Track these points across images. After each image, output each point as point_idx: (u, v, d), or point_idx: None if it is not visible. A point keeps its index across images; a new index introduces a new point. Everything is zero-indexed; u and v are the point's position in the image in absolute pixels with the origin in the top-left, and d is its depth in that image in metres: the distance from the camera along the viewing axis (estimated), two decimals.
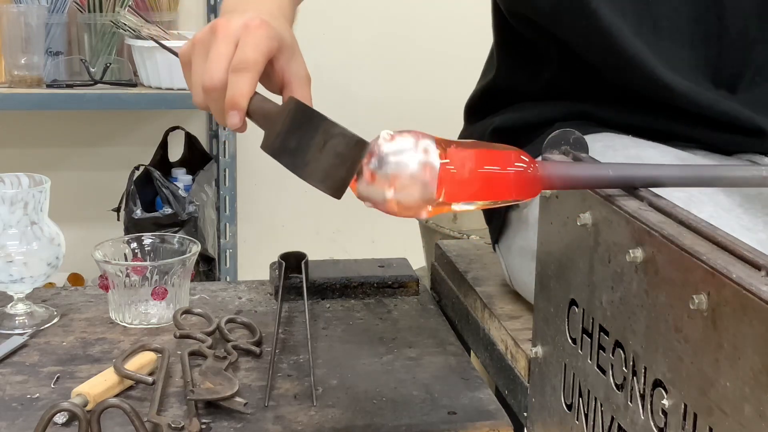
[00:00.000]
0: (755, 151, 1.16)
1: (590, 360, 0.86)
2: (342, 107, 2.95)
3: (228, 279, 2.67)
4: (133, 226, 2.49)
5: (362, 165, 0.84)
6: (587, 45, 1.17)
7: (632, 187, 0.84)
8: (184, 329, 1.19)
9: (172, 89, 2.55)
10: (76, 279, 2.73)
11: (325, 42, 2.92)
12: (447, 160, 0.81)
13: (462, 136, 1.37)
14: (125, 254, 1.31)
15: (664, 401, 0.72)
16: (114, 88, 2.57)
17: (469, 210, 0.84)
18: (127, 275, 1.24)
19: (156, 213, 2.53)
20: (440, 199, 0.81)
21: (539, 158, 0.98)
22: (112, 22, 2.57)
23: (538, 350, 0.99)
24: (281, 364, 1.15)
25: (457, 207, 0.82)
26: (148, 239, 1.33)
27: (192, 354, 1.13)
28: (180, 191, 2.55)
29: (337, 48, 2.93)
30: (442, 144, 0.83)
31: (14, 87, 2.52)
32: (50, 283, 1.70)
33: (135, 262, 1.29)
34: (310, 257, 1.37)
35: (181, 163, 2.76)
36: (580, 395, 0.88)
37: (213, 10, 2.72)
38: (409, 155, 0.82)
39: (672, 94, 1.13)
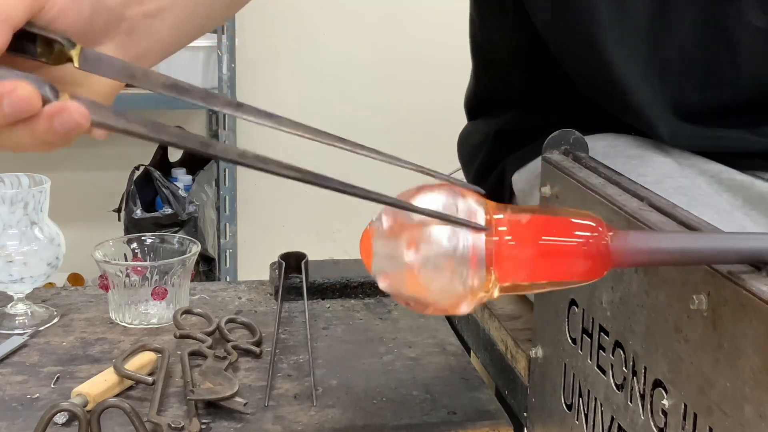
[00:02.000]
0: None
1: (590, 360, 0.86)
2: (341, 108, 2.95)
3: (228, 279, 2.67)
4: (133, 226, 2.49)
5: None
6: (592, 85, 1.15)
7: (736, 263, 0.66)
8: (184, 329, 1.19)
9: None
10: (76, 279, 2.74)
11: (324, 42, 2.93)
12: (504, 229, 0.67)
13: (464, 132, 1.36)
14: (125, 254, 1.31)
15: (664, 401, 0.72)
16: None
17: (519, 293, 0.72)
18: (127, 275, 1.24)
19: (156, 213, 2.53)
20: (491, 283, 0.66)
21: (539, 160, 0.98)
22: None
23: (538, 350, 0.99)
24: (281, 364, 1.15)
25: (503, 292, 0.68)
26: (148, 239, 1.33)
27: (192, 354, 1.13)
28: (180, 191, 2.56)
29: (336, 48, 2.94)
30: (489, 207, 0.68)
31: None
32: (50, 283, 1.70)
33: (135, 262, 1.29)
34: (310, 257, 1.37)
35: (181, 163, 2.77)
36: (580, 395, 0.88)
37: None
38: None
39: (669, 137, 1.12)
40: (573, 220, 0.69)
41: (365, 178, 0.74)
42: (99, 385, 1.04)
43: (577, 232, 0.68)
